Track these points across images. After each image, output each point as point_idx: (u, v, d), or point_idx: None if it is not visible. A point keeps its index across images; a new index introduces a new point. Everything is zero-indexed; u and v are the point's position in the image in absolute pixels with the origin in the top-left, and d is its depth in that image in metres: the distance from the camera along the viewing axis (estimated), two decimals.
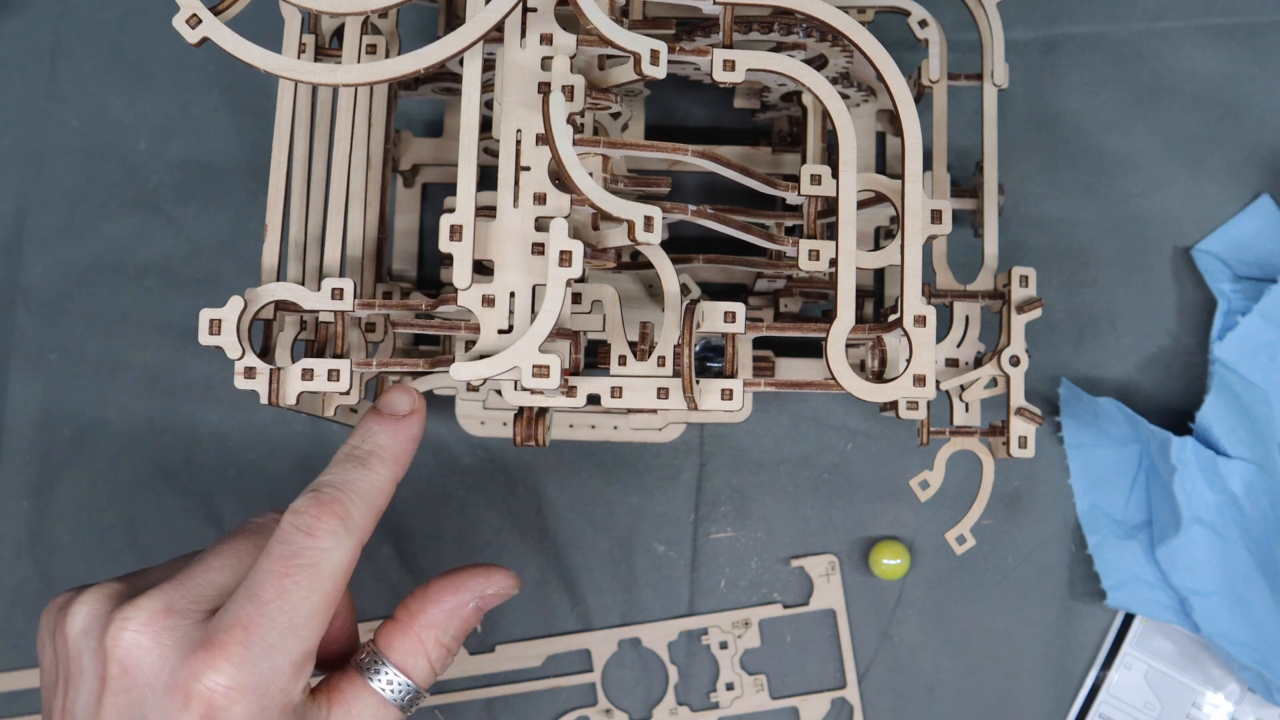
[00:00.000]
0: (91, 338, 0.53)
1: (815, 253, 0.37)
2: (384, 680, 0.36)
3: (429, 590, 0.38)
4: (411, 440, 0.37)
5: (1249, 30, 0.55)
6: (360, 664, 0.36)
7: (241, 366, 0.37)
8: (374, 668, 0.36)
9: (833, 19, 0.37)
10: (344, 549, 0.34)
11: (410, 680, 0.36)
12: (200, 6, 0.34)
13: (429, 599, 0.37)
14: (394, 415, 0.37)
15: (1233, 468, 0.50)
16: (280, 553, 0.34)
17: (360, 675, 0.36)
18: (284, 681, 0.33)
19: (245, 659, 0.32)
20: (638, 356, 0.37)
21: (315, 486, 0.35)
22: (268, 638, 0.33)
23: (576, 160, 0.35)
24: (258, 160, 0.54)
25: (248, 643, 0.32)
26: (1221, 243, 0.53)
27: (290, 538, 0.34)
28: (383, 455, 0.36)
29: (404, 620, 0.37)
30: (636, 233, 0.35)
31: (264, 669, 0.32)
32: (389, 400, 0.38)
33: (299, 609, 0.33)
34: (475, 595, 0.38)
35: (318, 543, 0.34)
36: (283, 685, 0.33)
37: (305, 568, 0.33)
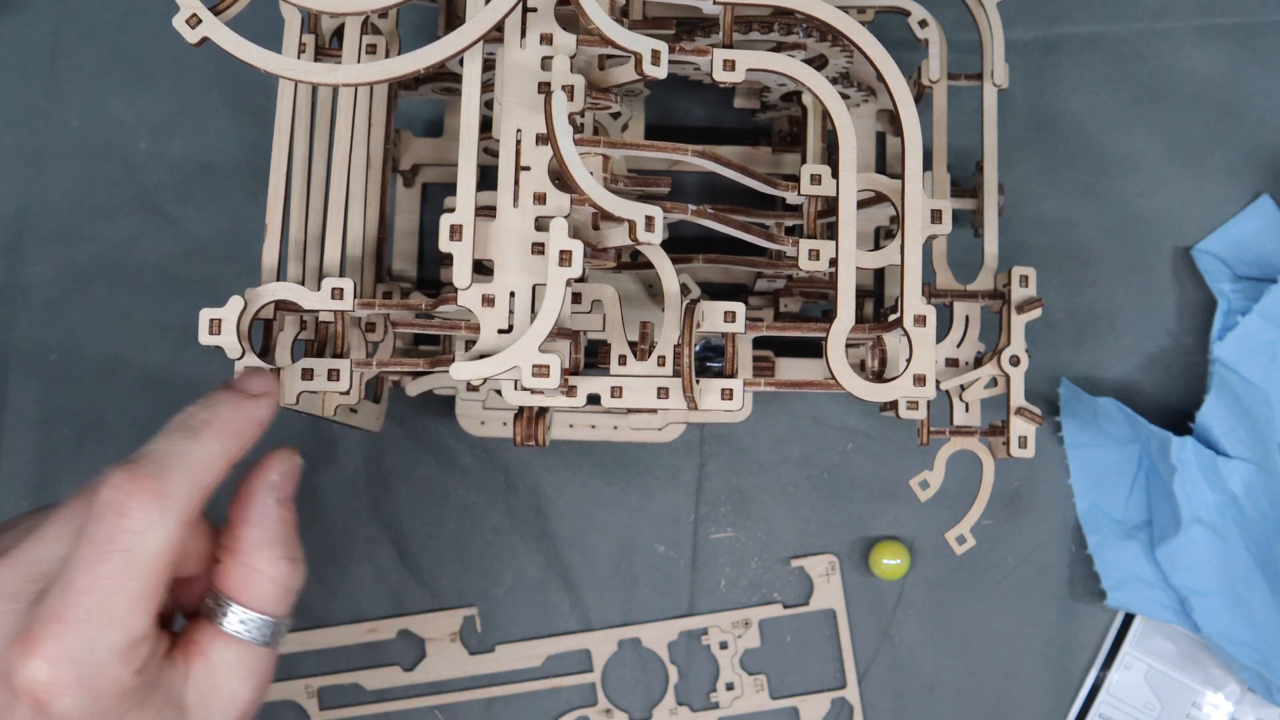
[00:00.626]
0: (91, 338, 0.53)
1: (815, 253, 0.37)
2: (235, 621, 0.34)
3: (230, 518, 0.35)
4: (255, 422, 0.34)
5: (1249, 30, 0.55)
6: (208, 611, 0.34)
7: (241, 366, 0.37)
8: (220, 610, 0.34)
9: (833, 19, 0.37)
10: (160, 531, 0.31)
11: (261, 613, 0.34)
12: (200, 6, 0.34)
13: (235, 523, 0.35)
14: (242, 391, 0.35)
15: (1233, 468, 0.50)
16: (93, 535, 0.31)
17: (210, 623, 0.34)
18: (111, 671, 0.31)
19: (60, 653, 0.30)
20: (638, 356, 0.37)
21: (135, 456, 0.32)
22: (84, 631, 0.30)
23: (578, 160, 0.35)
24: (258, 160, 0.54)
25: (61, 636, 0.30)
26: (1221, 243, 0.53)
27: (103, 517, 0.31)
28: (218, 427, 0.34)
29: (227, 557, 0.35)
30: (638, 233, 0.35)
31: (84, 661, 0.30)
32: (242, 378, 0.36)
33: (114, 599, 0.31)
34: (267, 491, 0.35)
35: (131, 524, 0.31)
36: (111, 675, 0.31)
37: (117, 553, 0.31)
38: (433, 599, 0.52)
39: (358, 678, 0.52)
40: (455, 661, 0.51)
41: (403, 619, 0.52)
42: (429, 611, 0.52)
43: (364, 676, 0.52)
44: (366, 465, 0.53)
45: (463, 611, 0.52)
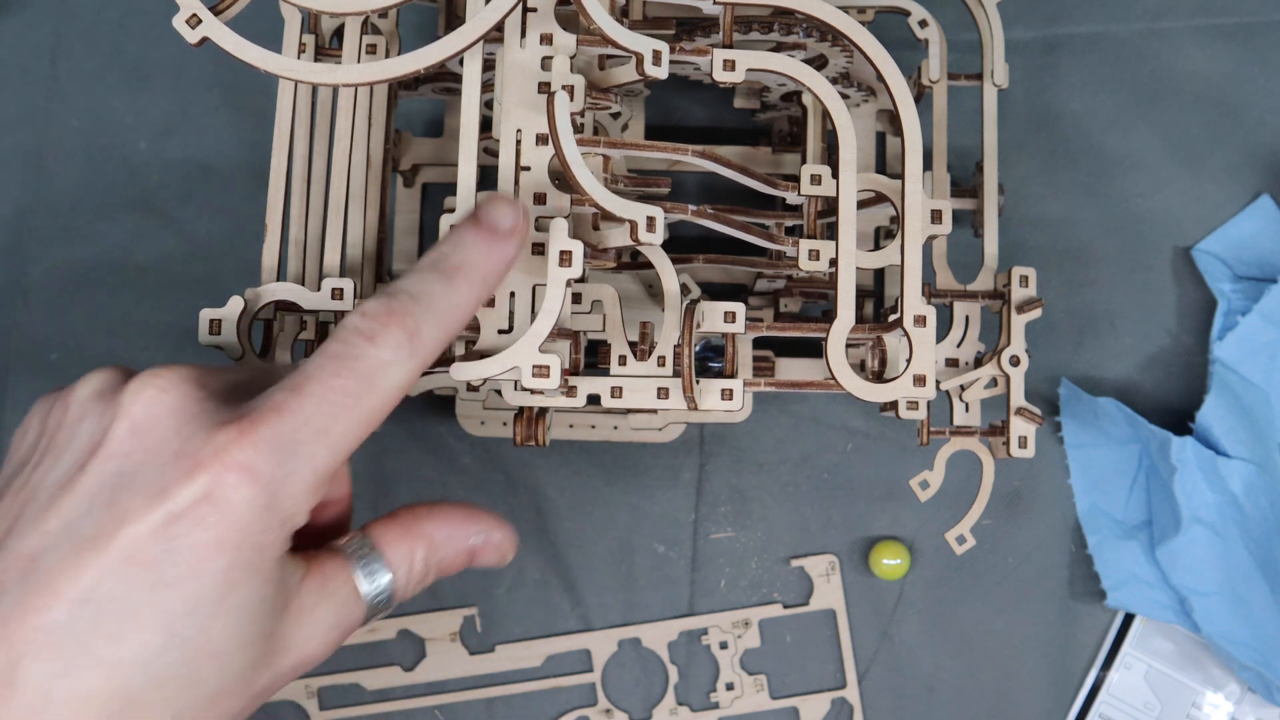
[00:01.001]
0: (91, 338, 0.53)
1: (815, 253, 0.37)
2: (368, 572, 0.32)
3: (439, 506, 0.34)
4: (505, 264, 0.33)
5: (1249, 30, 0.55)
6: (347, 548, 0.32)
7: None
8: (361, 555, 0.32)
9: (833, 19, 0.37)
10: (404, 368, 0.30)
11: (391, 581, 0.32)
12: (200, 6, 0.34)
13: (437, 514, 0.34)
14: (493, 230, 0.33)
15: (1233, 468, 0.50)
16: (335, 351, 0.30)
17: (343, 558, 0.32)
18: (297, 489, 0.29)
19: (272, 444, 0.28)
20: (638, 356, 0.37)
21: (390, 291, 0.31)
22: (300, 433, 0.29)
23: (581, 161, 0.35)
24: (258, 160, 0.54)
25: (278, 428, 0.28)
26: (1221, 243, 0.53)
27: (349, 339, 0.30)
28: (470, 272, 0.32)
29: (406, 522, 0.33)
30: (639, 233, 0.35)
31: (285, 464, 0.28)
32: (490, 211, 0.33)
33: (339, 416, 0.29)
34: (482, 531, 0.34)
35: (378, 352, 0.30)
36: (294, 493, 0.29)
37: (358, 375, 0.29)
38: (433, 599, 0.52)
39: (358, 678, 0.52)
40: (455, 661, 0.51)
41: (403, 619, 0.52)
42: (429, 611, 0.52)
43: (364, 676, 0.52)
44: (366, 465, 0.53)
45: (463, 611, 0.52)
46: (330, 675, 0.51)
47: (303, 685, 0.51)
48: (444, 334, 0.31)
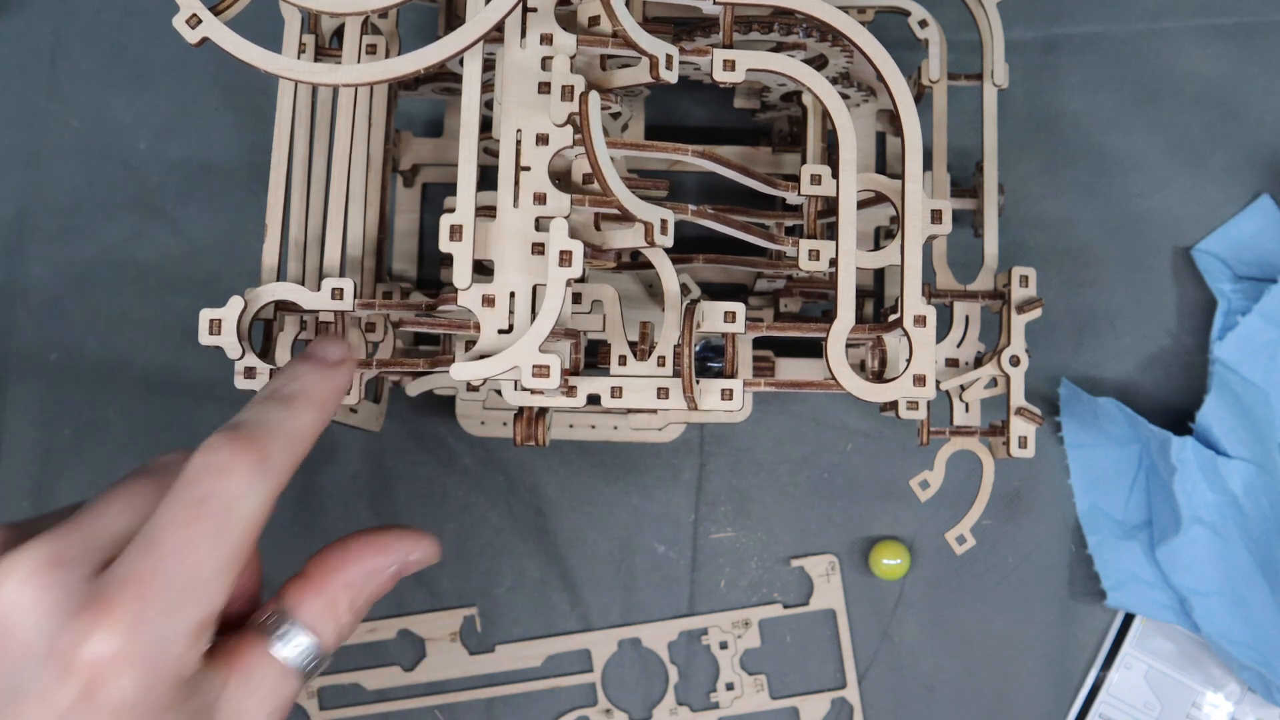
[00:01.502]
0: (91, 338, 0.53)
1: (815, 253, 0.37)
2: (289, 644, 0.31)
3: (349, 548, 0.33)
4: (338, 390, 0.33)
5: (1249, 30, 0.55)
6: (263, 625, 0.32)
7: (241, 366, 0.37)
8: (279, 629, 0.32)
9: (833, 19, 0.37)
10: (260, 495, 0.30)
11: (317, 643, 0.32)
12: (200, 6, 0.34)
13: (349, 557, 0.33)
14: (324, 361, 0.34)
15: (1233, 468, 0.50)
16: (186, 497, 0.29)
17: (262, 638, 0.31)
18: (180, 649, 0.28)
19: (138, 621, 0.27)
20: (638, 356, 0.37)
21: (231, 425, 0.31)
22: (165, 597, 0.28)
23: (610, 162, 0.35)
24: (258, 160, 0.54)
25: (142, 602, 0.27)
26: (1221, 243, 0.53)
27: (198, 479, 0.29)
28: (309, 397, 0.32)
29: (317, 577, 0.32)
30: (654, 235, 0.35)
31: (159, 633, 0.28)
32: (319, 346, 0.34)
33: (204, 564, 0.28)
34: (399, 560, 0.33)
35: (231, 486, 0.29)
36: (178, 654, 0.28)
37: (214, 515, 0.29)
38: (433, 599, 0.52)
39: (358, 678, 0.52)
40: (455, 661, 0.51)
41: (403, 619, 0.52)
42: (429, 611, 0.52)
43: (364, 676, 0.52)
44: (366, 465, 0.53)
45: (463, 611, 0.52)
46: (330, 676, 0.51)
47: None
48: (292, 457, 0.31)
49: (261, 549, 0.52)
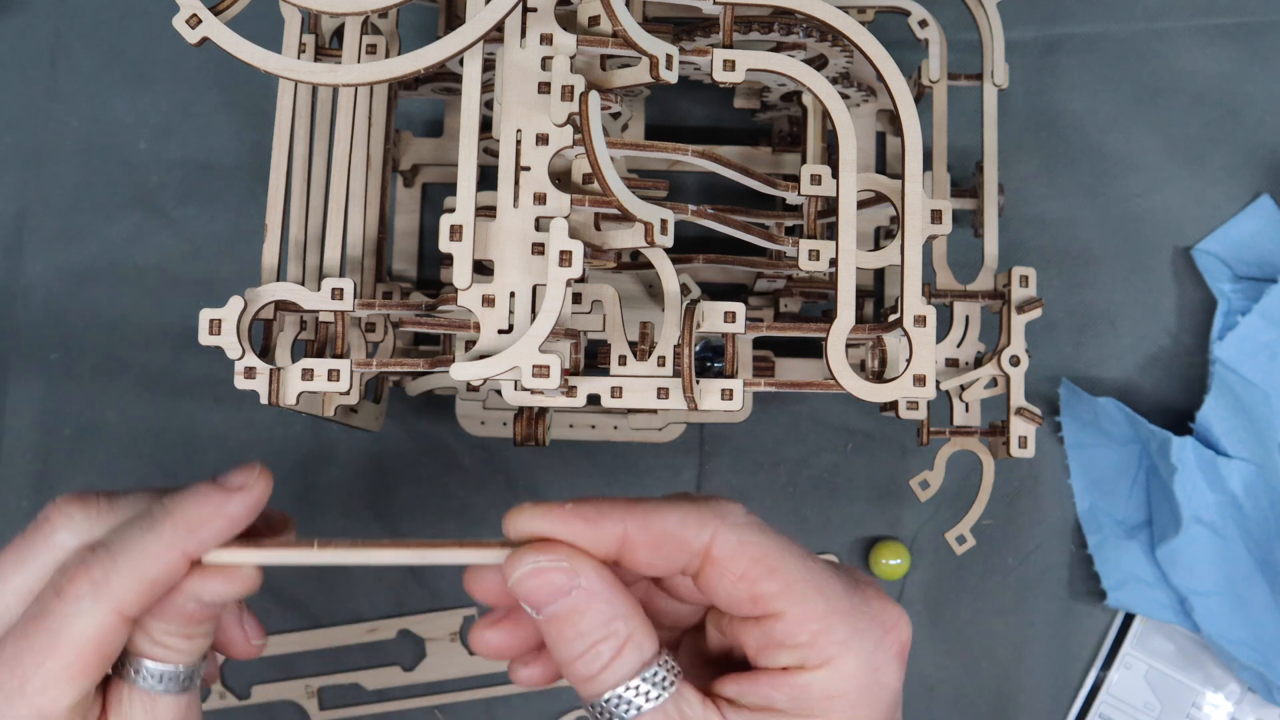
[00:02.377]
0: (91, 338, 0.53)
1: (815, 253, 0.37)
2: (146, 676, 0.33)
3: None
4: (223, 517, 0.33)
5: (1249, 30, 0.55)
6: (118, 667, 0.33)
7: (241, 366, 0.37)
8: (129, 666, 0.33)
9: (833, 19, 0.37)
10: (92, 618, 0.31)
11: (161, 666, 0.33)
12: (200, 6, 0.34)
13: None
14: (221, 485, 0.34)
15: (1233, 468, 0.50)
16: (31, 611, 0.32)
17: (121, 679, 0.33)
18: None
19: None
20: (638, 356, 0.37)
21: (93, 542, 0.33)
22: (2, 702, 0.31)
23: (610, 162, 0.35)
24: (258, 160, 0.54)
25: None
26: (1221, 243, 0.53)
27: (43, 597, 0.32)
28: (176, 521, 0.32)
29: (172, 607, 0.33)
30: (654, 235, 0.35)
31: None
32: (230, 474, 0.34)
33: (30, 678, 0.31)
34: (186, 597, 0.33)
35: (63, 606, 0.31)
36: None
37: (44, 633, 0.31)
38: (433, 599, 0.52)
39: (358, 678, 0.52)
40: (455, 661, 0.51)
41: (403, 619, 0.52)
42: (429, 611, 0.52)
43: (364, 677, 0.52)
44: (366, 465, 0.53)
45: (462, 611, 0.52)
46: (330, 675, 0.51)
47: (303, 685, 0.51)
48: (140, 582, 0.32)
49: None
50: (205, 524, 0.33)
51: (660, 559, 0.32)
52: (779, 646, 0.31)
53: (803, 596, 0.31)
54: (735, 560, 0.31)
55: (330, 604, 0.52)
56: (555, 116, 0.35)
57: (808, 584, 0.31)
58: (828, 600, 0.31)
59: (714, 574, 0.31)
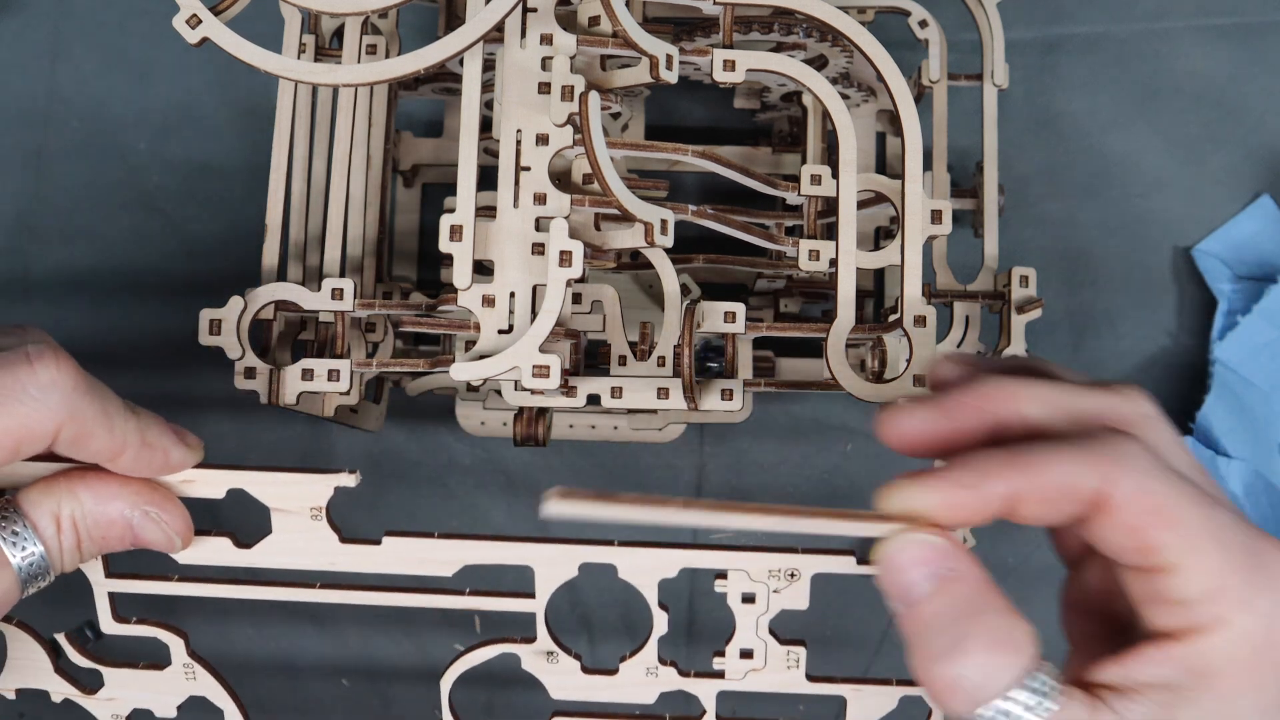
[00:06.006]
0: (91, 338, 0.53)
1: (815, 253, 0.37)
2: (10, 536, 0.31)
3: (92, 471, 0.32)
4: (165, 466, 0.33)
5: (1249, 30, 0.55)
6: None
7: (241, 366, 0.37)
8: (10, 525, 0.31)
9: (833, 19, 0.37)
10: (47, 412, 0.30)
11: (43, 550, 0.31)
12: (200, 7, 0.34)
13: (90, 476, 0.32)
14: None
15: (1233, 468, 0.50)
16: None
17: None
18: None
19: None
20: (638, 356, 0.37)
21: None
22: None
23: (610, 162, 0.35)
24: (258, 160, 0.54)
25: None
26: (1221, 243, 0.53)
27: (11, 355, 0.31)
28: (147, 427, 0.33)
29: (52, 480, 0.32)
30: (654, 235, 0.35)
31: None
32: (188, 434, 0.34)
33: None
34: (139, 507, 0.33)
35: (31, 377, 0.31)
36: None
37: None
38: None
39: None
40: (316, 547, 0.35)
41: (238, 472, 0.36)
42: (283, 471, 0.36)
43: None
44: (366, 465, 0.53)
45: (337, 477, 0.35)
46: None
47: None
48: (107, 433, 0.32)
49: None
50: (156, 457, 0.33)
51: (1050, 512, 0.29)
52: (1170, 602, 0.28)
53: (1201, 548, 0.28)
54: (1130, 510, 0.28)
55: None
56: (555, 116, 0.35)
57: (1207, 534, 0.28)
58: (1226, 552, 0.28)
59: (1105, 522, 0.28)
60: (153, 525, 0.33)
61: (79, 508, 0.32)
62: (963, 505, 0.29)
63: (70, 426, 0.31)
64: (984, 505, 0.29)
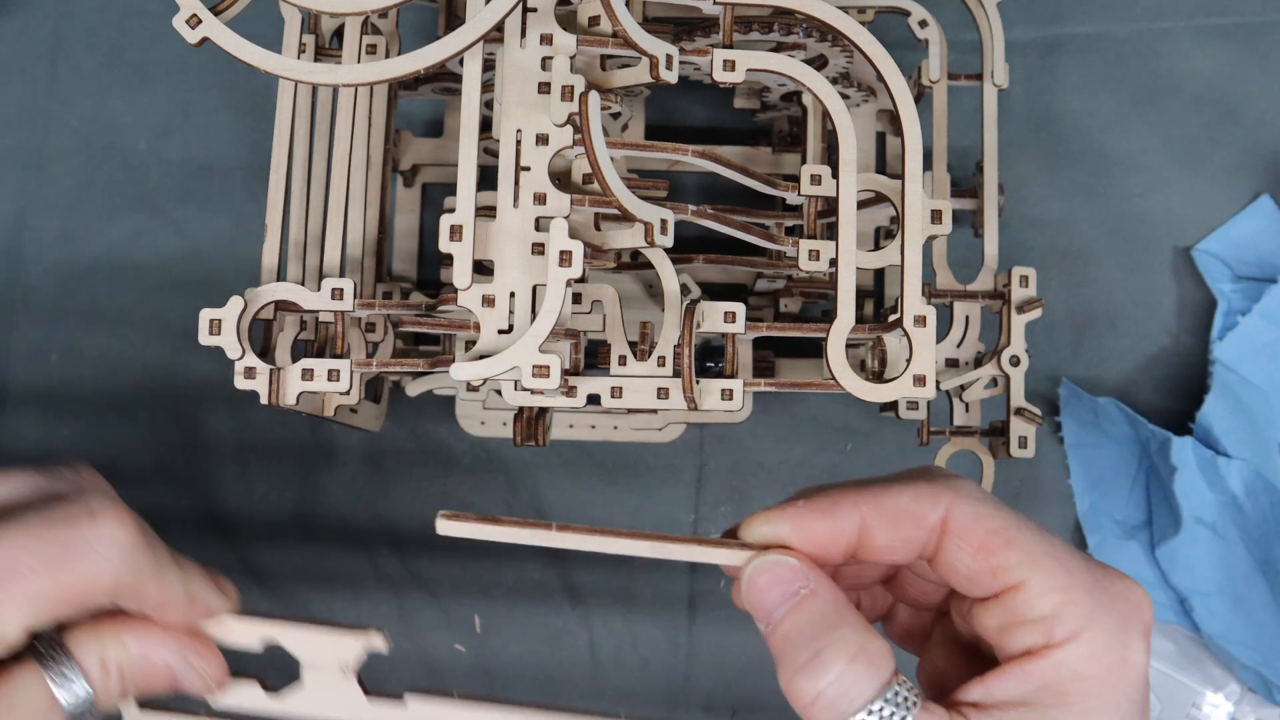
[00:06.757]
0: (91, 338, 0.53)
1: (815, 253, 0.37)
2: (59, 675, 0.32)
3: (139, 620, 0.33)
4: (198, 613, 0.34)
5: (1249, 30, 0.55)
6: (40, 654, 0.32)
7: (241, 366, 0.37)
8: (52, 657, 0.32)
9: (833, 19, 0.37)
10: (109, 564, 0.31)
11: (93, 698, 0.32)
12: (200, 7, 0.34)
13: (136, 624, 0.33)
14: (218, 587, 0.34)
15: (1233, 468, 0.50)
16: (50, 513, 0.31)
17: (33, 662, 0.31)
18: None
19: None
20: (638, 356, 0.37)
21: None
22: None
23: (610, 162, 0.35)
24: (258, 160, 0.54)
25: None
26: (1221, 243, 0.53)
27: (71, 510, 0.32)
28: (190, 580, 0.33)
29: (100, 622, 0.33)
30: (654, 235, 0.35)
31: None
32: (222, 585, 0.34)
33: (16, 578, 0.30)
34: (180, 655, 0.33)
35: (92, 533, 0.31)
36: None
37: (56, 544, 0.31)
38: (431, 599, 0.52)
39: None
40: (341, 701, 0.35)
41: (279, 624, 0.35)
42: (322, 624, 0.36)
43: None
44: (366, 465, 0.53)
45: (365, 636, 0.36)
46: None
47: None
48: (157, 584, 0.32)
49: (263, 548, 0.52)
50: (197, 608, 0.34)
51: (898, 539, 0.31)
52: (1022, 623, 0.29)
53: (1043, 566, 0.29)
54: (972, 531, 0.30)
55: (331, 604, 0.52)
56: (555, 116, 0.35)
57: (1048, 555, 0.30)
58: (1069, 572, 0.29)
59: (951, 548, 0.30)
60: (193, 673, 0.34)
61: (125, 654, 0.33)
62: (818, 530, 0.30)
63: (128, 582, 0.32)
64: (838, 530, 0.30)
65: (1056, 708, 0.29)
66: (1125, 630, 0.29)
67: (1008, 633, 0.30)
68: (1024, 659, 0.29)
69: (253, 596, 0.52)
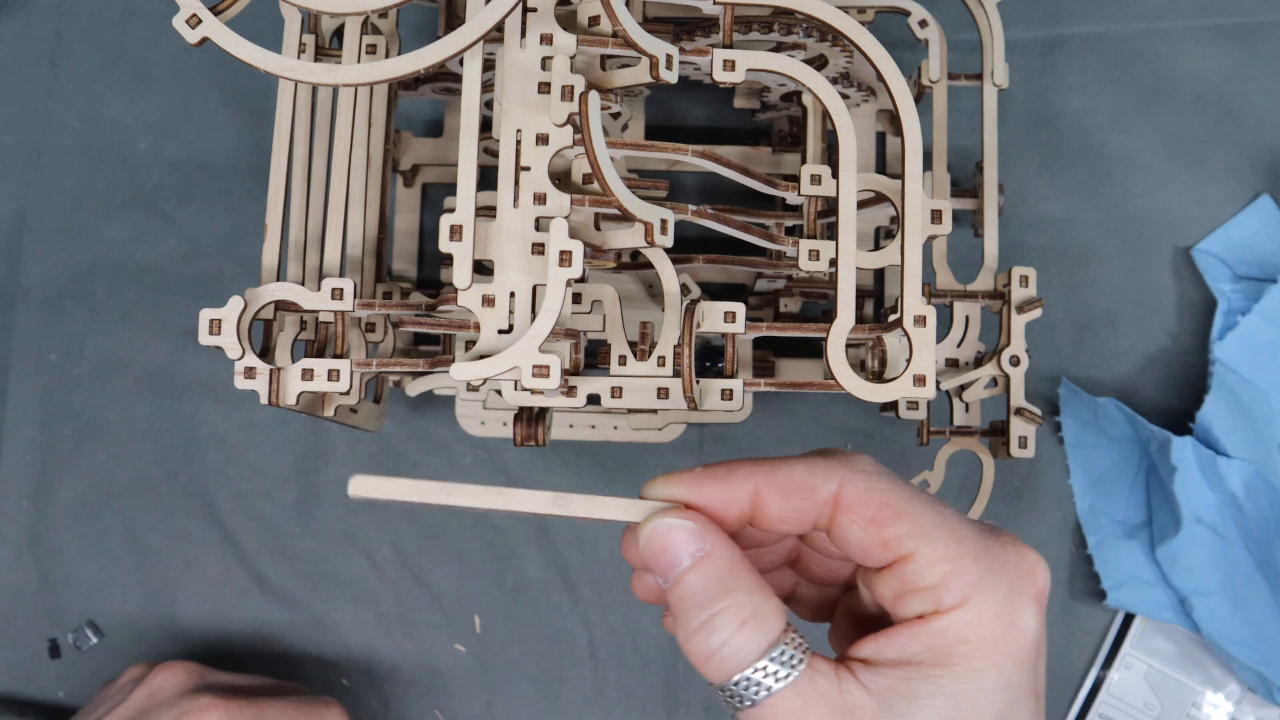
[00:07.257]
0: (91, 338, 0.53)
1: (815, 253, 0.37)
2: None
3: None
4: None
5: (1249, 30, 0.55)
6: None
7: (241, 366, 0.37)
8: None
9: (833, 19, 0.37)
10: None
11: None
12: (200, 6, 0.34)
13: None
14: None
15: (1233, 468, 0.50)
16: None
17: None
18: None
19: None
20: (638, 356, 0.37)
21: None
22: None
23: (610, 162, 0.35)
24: (258, 160, 0.54)
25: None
26: (1221, 243, 0.53)
27: None
28: None
29: None
30: (654, 235, 0.35)
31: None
32: None
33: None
34: None
35: None
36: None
37: None
38: (432, 600, 0.52)
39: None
40: None
41: None
42: None
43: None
44: (367, 465, 0.53)
45: None
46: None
47: None
48: None
49: (261, 548, 0.52)
50: None
51: (791, 510, 0.32)
52: (913, 591, 0.30)
53: (933, 537, 0.30)
54: (864, 505, 0.31)
55: (332, 604, 0.52)
56: (555, 116, 0.35)
57: (938, 526, 0.31)
58: (959, 542, 0.30)
59: (844, 521, 0.31)
60: None
61: None
62: (713, 494, 0.32)
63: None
64: (731, 496, 0.32)
65: (941, 667, 0.30)
66: (1014, 596, 0.30)
67: (901, 600, 0.31)
68: (914, 622, 0.30)
69: (252, 597, 0.52)
